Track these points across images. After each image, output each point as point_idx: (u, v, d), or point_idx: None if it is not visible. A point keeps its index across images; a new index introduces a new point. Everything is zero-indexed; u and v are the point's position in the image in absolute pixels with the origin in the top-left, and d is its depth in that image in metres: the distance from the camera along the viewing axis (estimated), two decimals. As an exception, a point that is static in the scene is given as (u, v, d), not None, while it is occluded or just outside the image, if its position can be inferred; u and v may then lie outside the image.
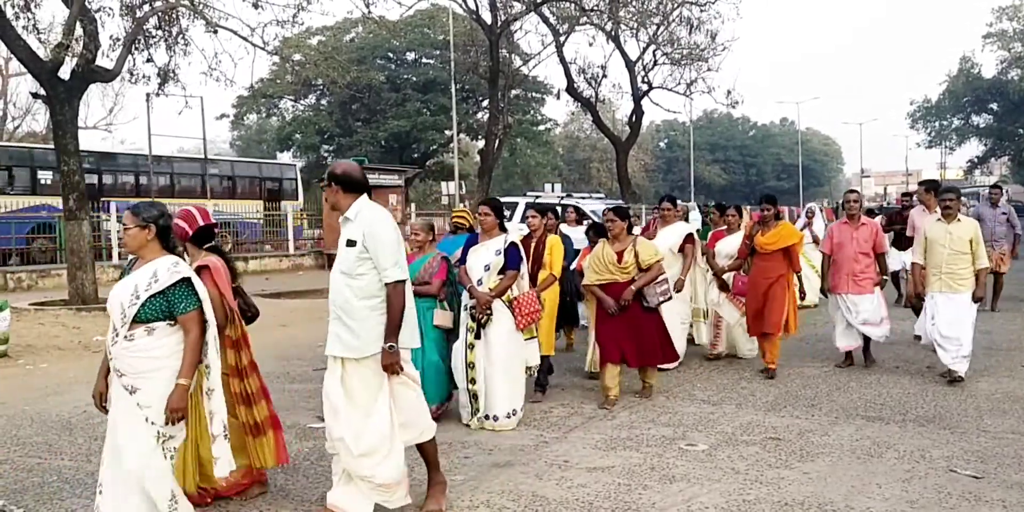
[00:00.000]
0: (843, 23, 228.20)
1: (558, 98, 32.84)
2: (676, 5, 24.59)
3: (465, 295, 6.03)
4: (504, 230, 6.11)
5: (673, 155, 70.99)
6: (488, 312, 5.87)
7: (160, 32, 14.75)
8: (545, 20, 24.33)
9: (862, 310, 7.67)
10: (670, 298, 6.68)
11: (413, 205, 25.39)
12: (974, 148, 55.22)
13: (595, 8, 23.62)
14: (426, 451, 4.37)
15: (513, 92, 30.45)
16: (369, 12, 17.92)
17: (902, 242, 11.19)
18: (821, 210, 15.99)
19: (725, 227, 8.75)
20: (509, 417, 5.90)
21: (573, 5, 23.37)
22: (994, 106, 51.05)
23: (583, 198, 19.49)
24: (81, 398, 4.21)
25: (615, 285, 6.46)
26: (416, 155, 42.71)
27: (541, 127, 46.23)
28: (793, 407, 6.45)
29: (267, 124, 50.27)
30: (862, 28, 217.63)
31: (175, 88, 15.85)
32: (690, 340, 8.51)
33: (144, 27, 14.17)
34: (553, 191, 25.74)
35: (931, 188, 8.35)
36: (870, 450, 5.28)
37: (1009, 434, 5.59)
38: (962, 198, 7.38)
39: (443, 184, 33.59)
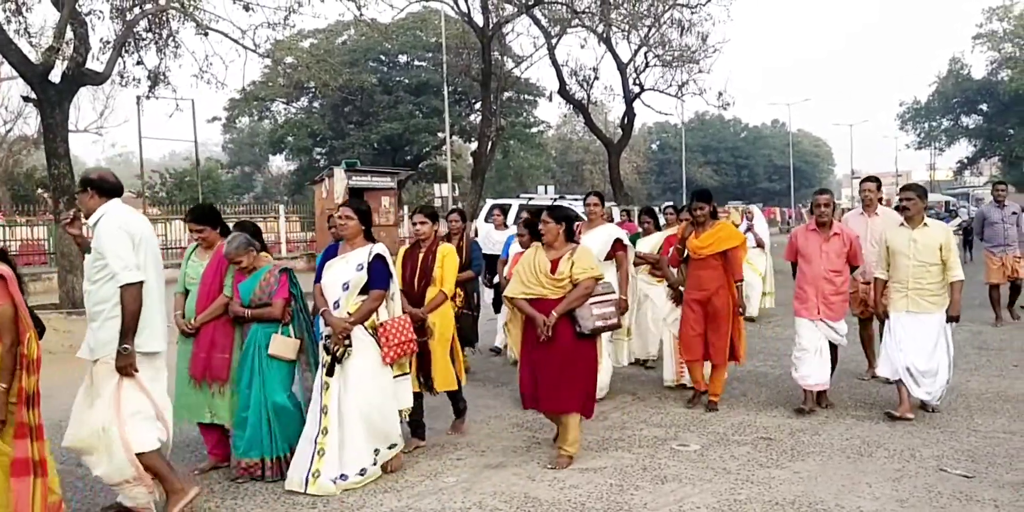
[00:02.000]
0: (835, 28, 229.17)
1: (550, 100, 32.96)
2: (667, 7, 24.65)
3: (321, 321, 4.88)
4: (371, 239, 5.00)
5: (665, 157, 71.09)
6: (345, 343, 4.70)
7: (150, 35, 14.71)
8: (537, 22, 24.36)
9: (832, 334, 6.38)
10: (616, 325, 5.31)
11: (406, 207, 25.36)
12: (964, 149, 55.46)
13: (586, 10, 23.66)
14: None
15: (505, 94, 30.49)
16: (361, 15, 17.91)
17: None
18: (761, 210, 15.96)
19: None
20: (362, 474, 4.75)
21: (565, 7, 23.41)
22: (984, 107, 51.27)
23: (576, 200, 19.52)
24: (69, 402, 4.21)
25: (544, 302, 5.05)
26: (409, 157, 42.69)
27: (534, 129, 46.27)
28: (784, 407, 6.46)
29: (259, 127, 50.19)
30: (854, 33, 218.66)
31: (166, 91, 15.79)
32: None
33: (134, 30, 14.13)
34: (546, 193, 25.78)
35: (880, 186, 7.36)
36: (860, 449, 5.30)
37: (1000, 433, 5.62)
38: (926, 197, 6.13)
39: (436, 186, 33.54)
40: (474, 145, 29.22)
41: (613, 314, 5.17)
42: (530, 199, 21.06)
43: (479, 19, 22.91)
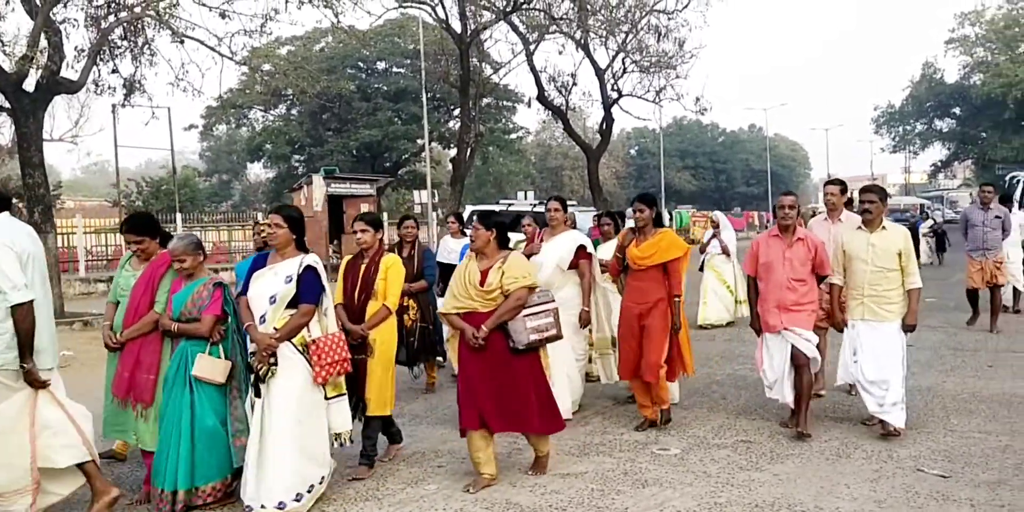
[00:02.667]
0: (812, 34, 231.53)
1: (529, 106, 33.05)
2: (644, 14, 24.78)
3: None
4: (303, 249, 4.61)
5: (644, 162, 71.45)
6: (271, 361, 4.35)
7: (126, 43, 14.61)
8: (515, 29, 24.41)
9: (802, 343, 5.72)
10: (554, 337, 4.88)
11: (385, 214, 25.33)
12: (937, 152, 56.23)
13: (564, 17, 23.74)
14: (87, 472, 4.31)
15: (484, 101, 30.52)
16: (338, 22, 17.85)
17: None
18: (733, 215, 15.79)
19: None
20: (281, 508, 4.28)
21: (542, 14, 23.49)
22: (957, 110, 52.03)
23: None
24: None
25: (477, 316, 4.74)
26: (388, 164, 42.65)
27: (513, 135, 46.41)
28: (764, 410, 6.50)
29: (237, 134, 49.95)
30: (830, 40, 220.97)
31: (141, 99, 15.71)
32: (591, 376, 7.09)
33: (109, 38, 14.03)
34: (526, 199, 25.84)
35: (844, 190, 6.82)
36: (838, 451, 5.35)
37: (975, 433, 5.69)
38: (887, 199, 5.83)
39: (415, 193, 33.53)
40: (453, 151, 29.21)
41: (551, 325, 4.80)
42: (510, 205, 21.13)
43: (457, 26, 22.94)
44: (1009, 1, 47.51)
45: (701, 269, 11.24)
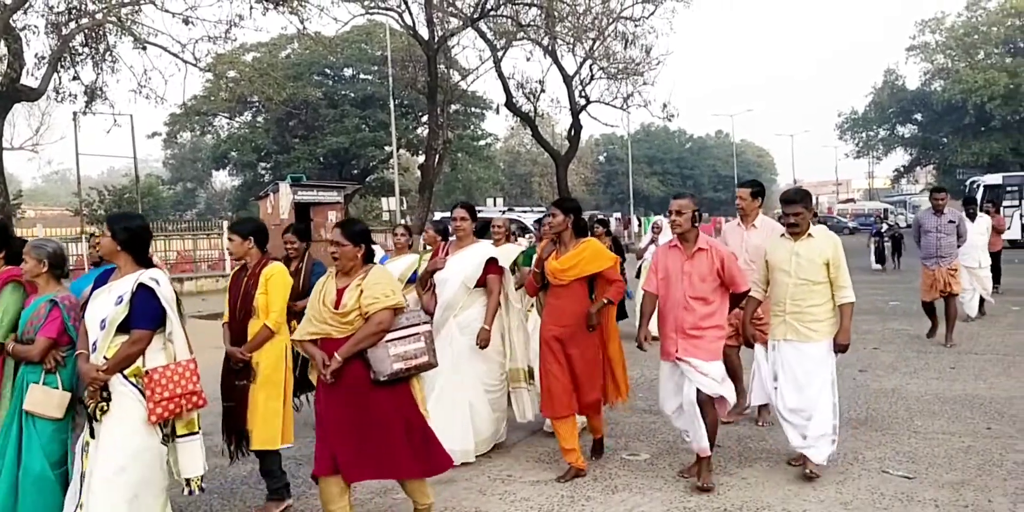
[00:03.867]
0: (778, 41, 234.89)
1: (497, 113, 33.09)
2: (611, 20, 24.96)
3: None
4: (145, 263, 3.87)
5: (612, 168, 71.88)
6: (102, 395, 3.68)
7: (87, 49, 14.46)
8: (482, 35, 24.46)
9: (700, 379, 4.73)
10: (425, 365, 4.09)
11: (353, 222, 25.19)
12: (900, 157, 57.16)
13: (532, 23, 23.85)
14: None
15: (452, 107, 30.51)
16: (304, 28, 17.80)
17: None
18: (640, 222, 15.39)
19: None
20: None
21: (510, 21, 23.56)
22: (918, 117, 52.94)
23: (525, 212, 19.61)
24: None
25: (331, 342, 4.01)
26: (356, 171, 42.49)
27: (482, 142, 46.47)
28: (729, 416, 6.52)
29: (202, 142, 49.50)
30: (795, 47, 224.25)
31: (103, 106, 15.54)
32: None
33: (70, 45, 13.86)
34: (495, 205, 25.84)
35: (756, 193, 6.08)
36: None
37: (939, 434, 5.76)
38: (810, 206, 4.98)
39: (384, 200, 33.39)
40: (422, 158, 29.17)
41: (421, 351, 4.04)
42: (479, 212, 21.10)
43: (424, 32, 22.92)
44: (968, 9, 48.54)
45: (638, 275, 10.71)
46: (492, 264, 5.51)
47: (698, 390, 4.72)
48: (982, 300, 11.22)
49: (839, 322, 4.96)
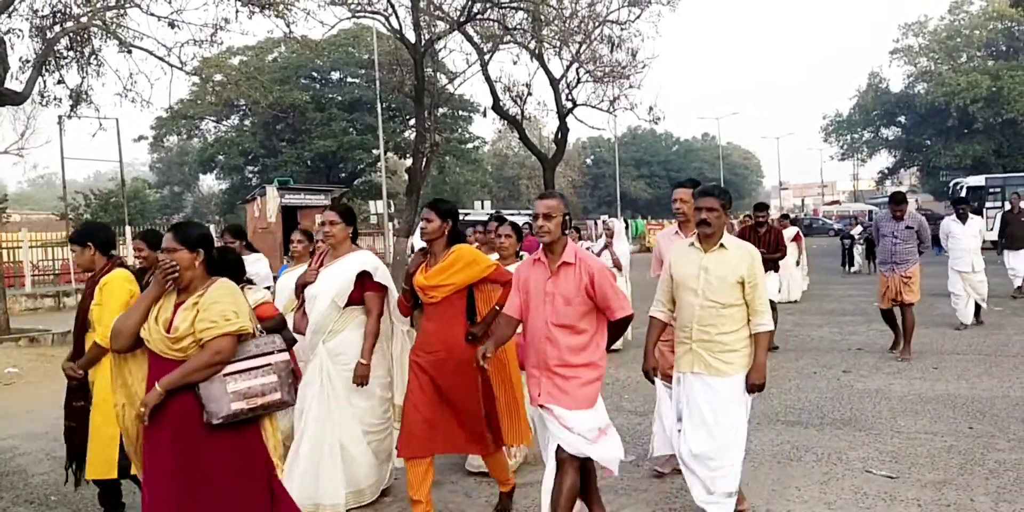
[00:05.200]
0: (765, 45, 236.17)
1: (484, 116, 33.08)
2: (598, 24, 25.04)
3: None
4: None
5: (599, 171, 72.01)
6: None
7: (72, 53, 14.36)
8: (469, 39, 24.49)
9: (563, 435, 3.75)
10: (279, 403, 3.33)
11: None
12: (884, 159, 57.61)
13: (518, 27, 23.89)
14: None
15: (440, 110, 30.51)
16: (291, 32, 17.75)
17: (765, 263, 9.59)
18: (628, 225, 14.09)
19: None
20: None
21: (496, 24, 23.60)
22: (902, 119, 53.37)
23: (513, 214, 19.66)
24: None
25: (160, 364, 3.25)
26: (343, 174, 42.43)
27: (469, 145, 46.48)
28: (717, 415, 6.57)
29: (188, 146, 49.33)
30: (781, 50, 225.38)
31: (89, 110, 15.44)
32: None
33: (55, 48, 13.78)
34: (483, 208, 25.86)
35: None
36: (789, 454, 5.43)
37: (922, 434, 5.81)
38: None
39: (371, 203, 33.38)
40: (409, 161, 29.15)
41: (272, 387, 3.27)
42: (466, 215, 21.14)
43: (411, 36, 22.91)
44: (951, 12, 48.99)
45: None
46: (367, 278, 4.52)
47: (559, 448, 3.74)
48: (979, 307, 10.82)
49: (754, 354, 4.09)
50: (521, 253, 5.58)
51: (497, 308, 4.26)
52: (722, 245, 4.11)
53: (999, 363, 8.28)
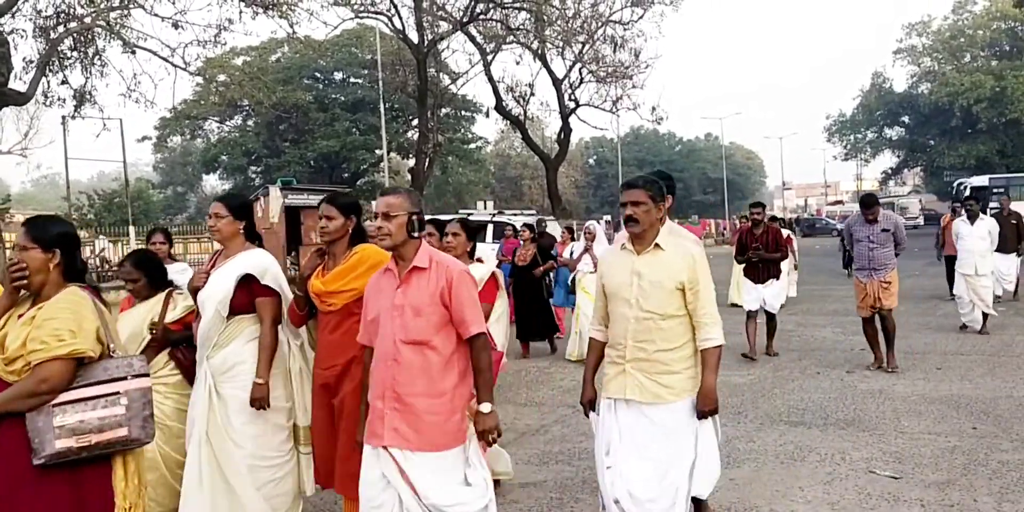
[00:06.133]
0: (769, 45, 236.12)
1: (487, 116, 33.11)
2: (600, 24, 25.07)
3: None
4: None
5: (602, 171, 72.02)
6: None
7: (75, 53, 14.43)
8: (472, 39, 24.54)
9: (404, 490, 3.03)
10: (119, 441, 2.72)
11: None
12: (888, 160, 57.56)
13: (521, 27, 23.93)
14: None
15: (442, 111, 30.58)
16: (294, 32, 17.79)
17: (758, 273, 9.01)
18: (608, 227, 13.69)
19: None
20: None
21: (499, 24, 23.64)
22: (906, 119, 53.34)
23: (515, 215, 19.66)
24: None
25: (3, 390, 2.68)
26: (346, 175, 42.50)
27: (472, 145, 46.52)
28: (720, 415, 6.52)
29: (192, 146, 49.43)
30: (784, 50, 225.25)
31: (92, 110, 15.52)
32: None
33: (58, 49, 13.83)
34: (485, 208, 25.87)
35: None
36: (793, 454, 5.42)
37: (925, 435, 5.81)
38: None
39: (374, 203, 33.42)
40: (412, 162, 29.18)
41: (116, 421, 2.70)
42: (469, 214, 21.14)
43: (414, 36, 22.98)
44: (954, 12, 48.93)
45: (573, 291, 9.61)
46: (255, 283, 3.81)
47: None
48: (985, 316, 10.29)
49: (701, 374, 3.47)
50: (484, 256, 5.41)
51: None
52: (657, 245, 3.48)
53: (1003, 364, 8.27)
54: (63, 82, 14.72)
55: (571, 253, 9.73)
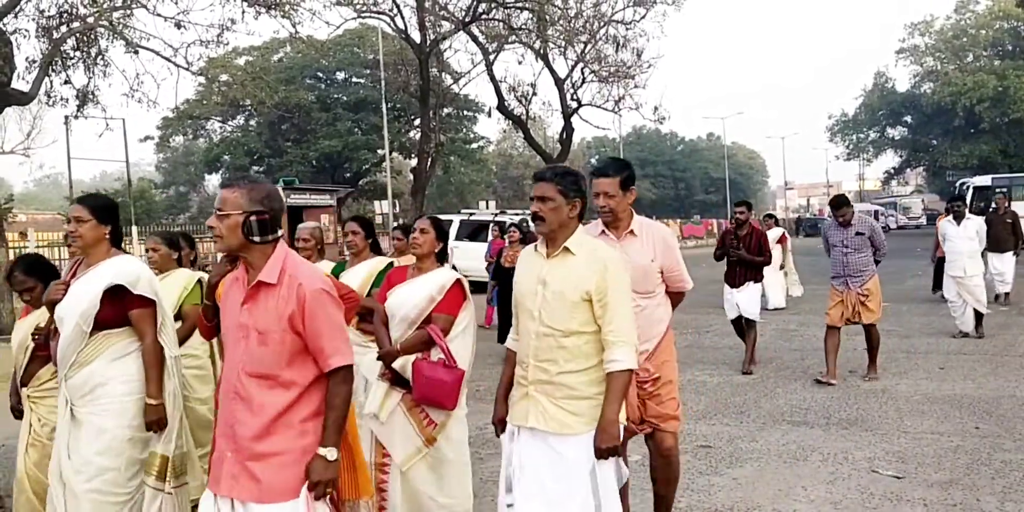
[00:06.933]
0: (770, 45, 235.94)
1: (489, 116, 33.13)
2: (603, 24, 25.06)
3: None
4: None
5: (605, 171, 71.98)
6: None
7: (78, 53, 14.45)
8: (474, 39, 24.52)
9: None
10: None
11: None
12: (890, 159, 57.50)
13: (523, 27, 23.93)
14: None
15: (445, 110, 30.58)
16: (296, 32, 17.81)
17: (736, 277, 8.48)
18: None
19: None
20: None
21: (501, 24, 23.64)
22: (908, 119, 53.27)
23: (517, 215, 19.68)
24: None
25: None
26: (348, 175, 42.49)
27: (474, 145, 46.49)
28: (723, 415, 6.58)
29: (194, 146, 49.43)
30: (787, 50, 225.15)
31: (95, 110, 15.55)
32: None
33: (61, 48, 13.86)
34: (487, 208, 25.88)
35: (627, 181, 3.64)
36: (796, 454, 5.43)
37: (928, 434, 5.81)
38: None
39: (377, 203, 33.43)
40: (414, 161, 29.20)
41: None
42: (471, 215, 21.16)
43: (416, 36, 22.97)
44: (957, 12, 48.87)
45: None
46: (127, 294, 3.45)
47: None
48: (980, 316, 10.05)
49: (603, 402, 2.94)
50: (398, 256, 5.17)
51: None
52: (567, 249, 3.01)
53: (1005, 363, 8.27)
54: (66, 82, 14.74)
55: None
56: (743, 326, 8.49)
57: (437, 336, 3.81)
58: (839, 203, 7.77)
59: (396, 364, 3.87)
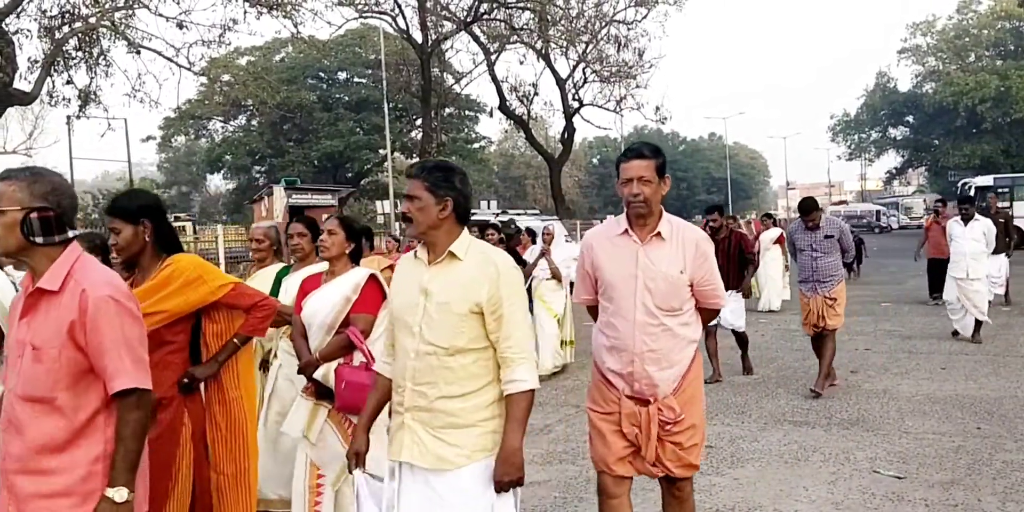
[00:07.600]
0: (772, 45, 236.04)
1: (491, 116, 33.13)
2: (604, 24, 25.08)
3: None
4: None
5: (606, 171, 71.97)
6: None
7: (80, 53, 14.49)
8: (476, 39, 24.56)
9: None
10: None
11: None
12: (892, 159, 57.47)
13: (525, 27, 23.96)
14: None
15: (446, 110, 30.62)
16: (298, 32, 17.82)
17: (728, 278, 7.16)
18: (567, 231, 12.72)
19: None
20: None
21: (503, 24, 23.66)
22: (910, 119, 53.22)
23: (519, 215, 19.70)
24: None
25: None
26: (350, 174, 42.54)
27: (475, 145, 46.55)
28: (724, 415, 6.58)
29: (196, 146, 49.54)
30: (788, 50, 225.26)
31: (97, 110, 15.60)
32: None
33: (63, 49, 13.88)
34: (489, 208, 25.91)
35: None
36: (797, 454, 5.42)
37: (929, 434, 5.80)
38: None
39: (378, 203, 33.47)
40: (416, 161, 29.22)
41: None
42: (472, 214, 21.15)
43: (418, 36, 23.01)
44: (959, 12, 48.83)
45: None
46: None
47: None
48: (979, 323, 9.71)
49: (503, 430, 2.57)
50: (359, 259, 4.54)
51: (235, 342, 3.26)
52: (452, 254, 2.60)
53: (1007, 363, 8.26)
54: (68, 82, 14.79)
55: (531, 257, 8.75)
56: (713, 334, 7.83)
57: (356, 338, 3.47)
58: (808, 207, 7.28)
59: (318, 374, 3.56)
